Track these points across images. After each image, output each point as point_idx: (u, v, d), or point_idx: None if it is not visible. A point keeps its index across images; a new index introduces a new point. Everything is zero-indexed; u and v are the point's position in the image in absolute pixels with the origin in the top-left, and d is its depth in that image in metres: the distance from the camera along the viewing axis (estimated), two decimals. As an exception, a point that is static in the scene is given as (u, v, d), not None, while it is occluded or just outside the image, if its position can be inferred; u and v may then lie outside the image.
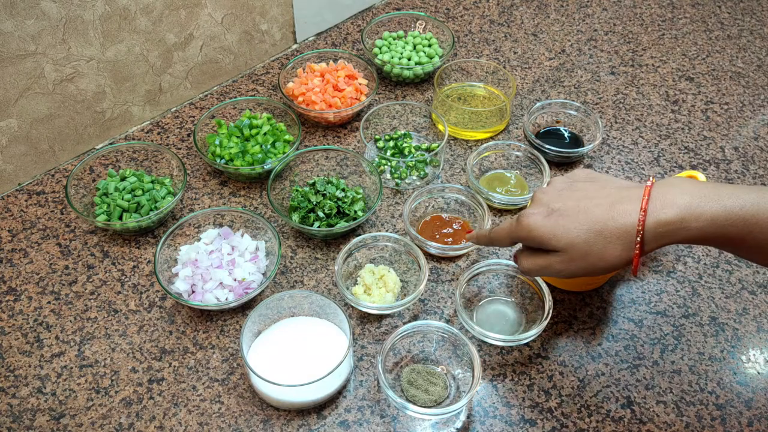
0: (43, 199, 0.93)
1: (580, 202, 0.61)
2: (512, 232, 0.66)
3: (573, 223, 0.60)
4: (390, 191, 0.95)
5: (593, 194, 0.62)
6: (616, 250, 0.59)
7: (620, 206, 0.59)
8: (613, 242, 0.59)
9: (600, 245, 0.59)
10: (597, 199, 0.61)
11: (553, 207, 0.62)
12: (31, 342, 0.78)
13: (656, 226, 0.57)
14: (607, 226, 0.59)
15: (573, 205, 0.61)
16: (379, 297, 0.80)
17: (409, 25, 1.17)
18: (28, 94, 0.87)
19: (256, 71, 1.12)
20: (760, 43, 1.21)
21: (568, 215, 0.61)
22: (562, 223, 0.61)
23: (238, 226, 0.87)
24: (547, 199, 0.64)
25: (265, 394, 0.72)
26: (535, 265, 0.65)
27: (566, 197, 0.63)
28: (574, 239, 0.60)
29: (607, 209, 0.59)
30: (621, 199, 0.60)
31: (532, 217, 0.63)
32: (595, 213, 0.60)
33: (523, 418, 0.73)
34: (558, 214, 0.61)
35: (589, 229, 0.59)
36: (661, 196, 0.58)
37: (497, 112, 1.01)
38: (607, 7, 1.28)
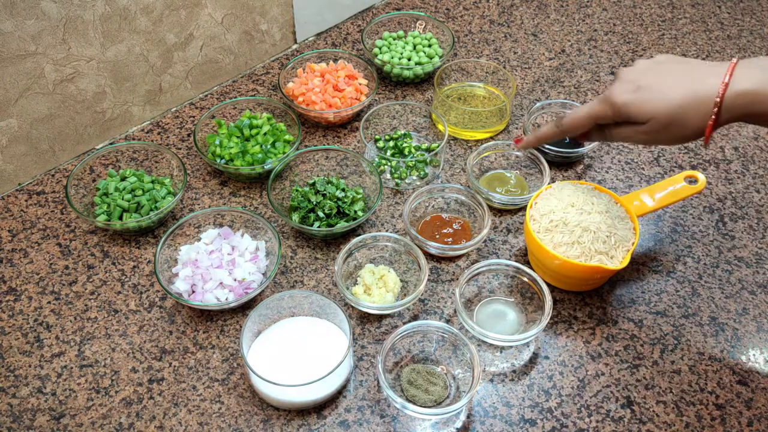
0: (43, 199, 0.93)
1: (665, 78, 0.66)
2: (596, 111, 0.71)
3: (658, 97, 0.65)
4: (390, 191, 0.95)
5: (678, 71, 0.67)
6: (696, 120, 0.64)
7: (704, 79, 0.64)
8: (692, 112, 0.64)
9: (682, 116, 0.65)
10: (681, 74, 0.66)
11: (640, 83, 0.67)
12: (31, 342, 0.78)
13: (734, 98, 0.62)
14: (689, 99, 0.64)
15: (658, 80, 0.67)
16: (379, 297, 0.80)
17: (409, 25, 1.17)
18: (29, 94, 0.87)
19: (256, 71, 1.12)
20: (760, 43, 1.21)
21: (653, 90, 0.66)
22: (648, 97, 0.66)
23: (238, 226, 0.87)
24: (633, 76, 0.68)
25: (265, 394, 0.72)
26: (623, 134, 0.71)
27: (652, 74, 0.68)
28: (660, 112, 0.65)
29: (691, 83, 0.65)
30: (705, 74, 0.64)
31: (622, 94, 0.68)
32: (679, 87, 0.65)
33: (523, 418, 0.73)
34: (644, 90, 0.67)
35: (673, 101, 0.65)
36: (742, 71, 0.63)
37: (497, 112, 1.01)
38: (607, 7, 1.28)
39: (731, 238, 0.91)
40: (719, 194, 0.96)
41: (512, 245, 0.89)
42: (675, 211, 0.94)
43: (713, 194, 0.96)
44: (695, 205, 0.94)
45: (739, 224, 0.92)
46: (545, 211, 0.81)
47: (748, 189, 0.97)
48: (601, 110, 0.71)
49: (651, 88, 0.67)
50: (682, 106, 0.64)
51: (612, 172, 0.99)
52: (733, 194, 0.96)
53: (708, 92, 0.63)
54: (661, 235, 0.91)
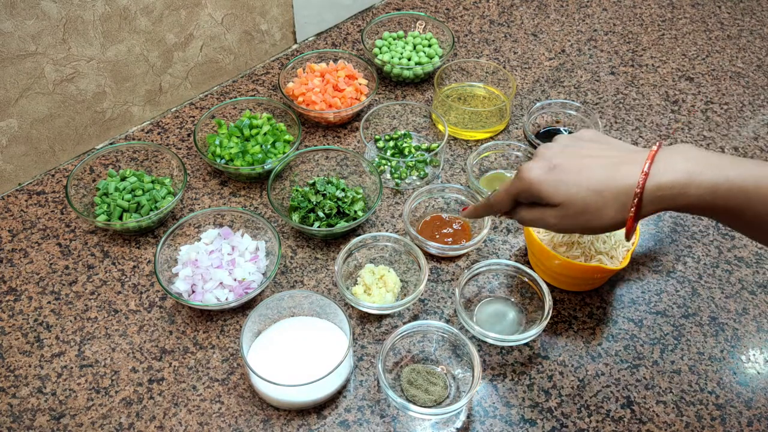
0: (43, 199, 0.93)
1: (584, 160, 0.61)
2: (511, 187, 0.66)
3: (573, 180, 0.60)
4: (390, 191, 0.95)
5: (597, 153, 0.62)
6: (612, 210, 0.59)
7: (623, 167, 0.59)
8: (610, 202, 0.59)
9: (597, 204, 0.59)
10: (600, 158, 0.61)
11: (555, 162, 0.62)
12: (31, 342, 0.78)
13: (656, 190, 0.57)
14: (607, 186, 0.59)
15: (576, 162, 0.61)
16: (379, 297, 0.80)
17: (409, 25, 1.17)
18: (29, 94, 0.87)
19: (256, 71, 1.12)
20: (760, 43, 1.21)
21: (569, 171, 0.61)
22: (562, 179, 0.61)
23: (238, 226, 0.87)
24: (550, 154, 0.63)
25: (265, 394, 0.72)
26: (531, 216, 0.65)
27: (569, 154, 0.63)
28: (573, 196, 0.60)
29: (609, 169, 0.59)
30: (624, 161, 0.59)
31: (533, 170, 0.63)
32: (597, 172, 0.60)
33: (523, 418, 0.73)
34: (559, 170, 0.61)
35: (588, 187, 0.59)
36: (664, 160, 0.58)
37: (497, 112, 1.01)
38: (607, 7, 1.28)
39: (731, 238, 0.91)
40: (719, 194, 0.96)
41: (512, 245, 0.89)
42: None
43: (713, 194, 0.96)
44: (695, 205, 0.94)
45: (739, 224, 0.92)
46: (545, 211, 0.81)
47: (748, 189, 0.97)
48: (515, 187, 0.65)
49: (566, 171, 0.61)
50: (598, 193, 0.59)
51: (612, 172, 0.98)
52: (733, 194, 0.96)
53: (627, 182, 0.58)
54: (661, 235, 0.91)
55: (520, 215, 0.67)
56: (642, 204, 0.57)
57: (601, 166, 0.60)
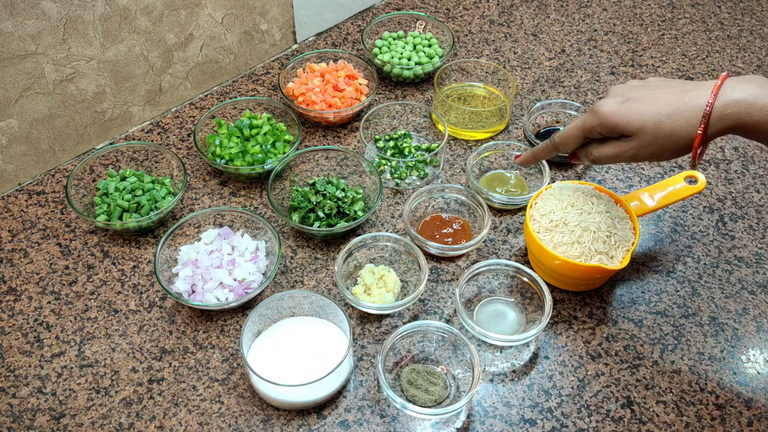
0: (44, 199, 0.93)
1: (654, 91, 0.66)
2: (585, 123, 0.70)
3: (645, 108, 0.65)
4: (390, 191, 0.95)
5: (667, 86, 0.67)
6: (683, 130, 0.63)
7: (692, 92, 0.64)
8: (681, 123, 0.63)
9: (669, 126, 0.64)
10: (670, 89, 0.66)
11: (628, 96, 0.67)
12: (31, 342, 0.78)
13: (723, 108, 0.61)
14: (677, 109, 0.64)
15: (647, 93, 0.66)
16: (379, 297, 0.80)
17: (409, 25, 1.17)
18: (29, 94, 0.87)
19: (256, 71, 1.12)
20: (760, 43, 1.21)
21: (641, 101, 0.66)
22: (635, 108, 0.66)
23: (238, 226, 0.87)
24: (622, 90, 0.69)
25: (265, 394, 0.72)
26: (606, 153, 0.70)
27: (641, 89, 0.68)
28: (646, 123, 0.65)
29: (679, 95, 0.64)
30: (694, 87, 0.65)
31: (607, 105, 0.67)
32: (668, 99, 0.65)
33: (523, 418, 0.73)
34: (632, 101, 0.66)
35: (660, 111, 0.64)
36: (732, 84, 0.62)
37: (497, 112, 1.01)
38: (607, 7, 1.28)
39: (731, 238, 0.91)
40: (719, 194, 0.96)
41: (512, 245, 0.89)
42: (675, 211, 0.94)
43: (713, 194, 0.96)
44: (695, 205, 0.94)
45: (739, 224, 0.92)
46: (545, 211, 0.81)
47: (748, 189, 0.97)
48: (590, 122, 0.69)
49: (639, 100, 0.66)
50: (669, 116, 0.64)
51: (612, 172, 0.99)
52: (733, 194, 0.96)
53: (697, 103, 0.63)
54: (661, 235, 0.91)
55: (591, 153, 0.72)
56: (710, 122, 0.62)
57: (672, 94, 0.65)
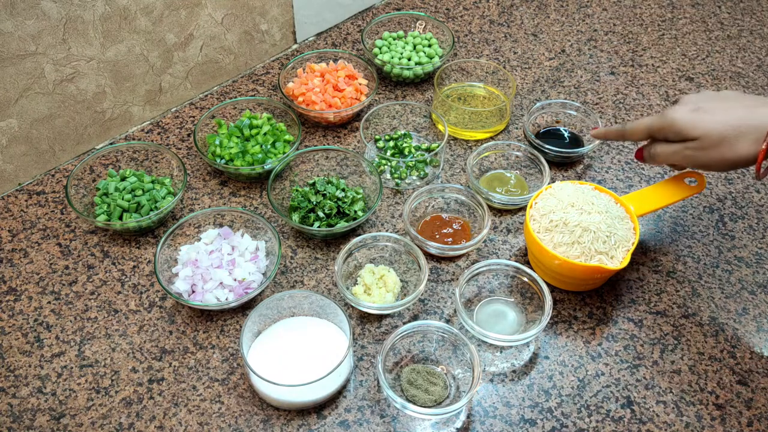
0: (43, 199, 0.93)
1: (725, 103, 0.70)
2: (653, 123, 0.74)
3: (713, 117, 0.69)
4: (390, 191, 0.95)
5: (739, 99, 0.70)
6: (747, 144, 0.67)
7: (761, 109, 0.67)
8: (745, 136, 0.67)
9: (733, 137, 0.67)
10: (743, 101, 0.70)
11: (700, 105, 0.71)
12: (31, 342, 0.78)
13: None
14: (744, 122, 0.67)
15: (718, 104, 0.70)
16: (379, 297, 0.80)
17: (409, 25, 1.17)
18: (29, 94, 0.87)
19: (256, 71, 1.12)
20: (760, 43, 1.21)
21: (711, 112, 0.69)
22: (703, 117, 0.69)
23: (238, 226, 0.87)
24: (696, 99, 0.72)
25: (265, 394, 0.72)
26: (667, 151, 0.74)
27: (713, 99, 0.71)
28: (711, 129, 0.68)
29: (749, 110, 0.68)
30: (765, 104, 0.68)
31: (678, 111, 0.72)
32: (737, 111, 0.68)
33: (523, 418, 0.73)
34: (702, 111, 0.70)
35: (726, 122, 0.68)
36: None
37: (497, 112, 1.01)
38: (607, 7, 1.28)
39: (731, 238, 0.91)
40: (719, 194, 0.96)
41: (512, 245, 0.89)
42: (675, 211, 0.94)
43: (713, 194, 0.96)
44: (695, 205, 0.94)
45: (739, 224, 0.92)
46: (545, 211, 0.81)
47: (748, 189, 0.97)
48: (658, 123, 0.74)
49: (709, 111, 0.69)
50: (735, 128, 0.67)
51: (612, 172, 0.99)
52: (733, 194, 0.96)
53: (763, 120, 0.66)
54: (661, 235, 0.91)
55: (654, 149, 0.76)
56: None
57: (742, 107, 0.69)
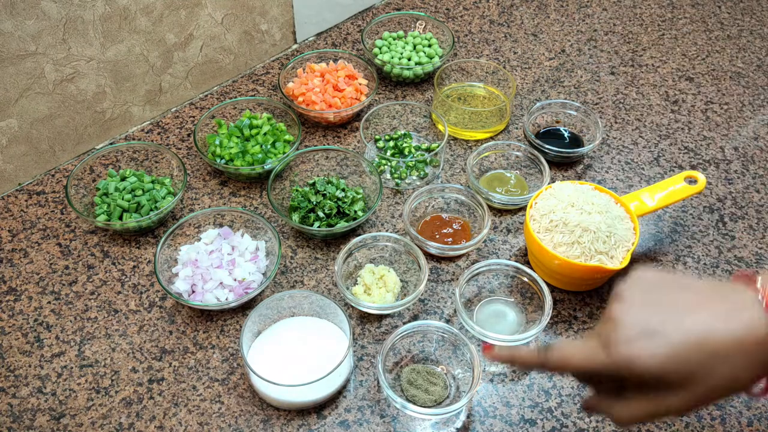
0: (43, 199, 0.93)
1: (683, 317, 0.49)
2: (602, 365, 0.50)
3: (686, 350, 0.47)
4: (390, 191, 0.95)
5: (691, 304, 0.49)
6: (749, 369, 0.48)
7: (738, 317, 0.48)
8: (743, 362, 0.48)
9: (728, 370, 0.48)
10: (700, 311, 0.49)
11: (651, 327, 0.48)
12: (31, 342, 0.78)
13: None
14: (732, 348, 0.47)
15: (675, 321, 0.49)
16: (379, 297, 0.80)
17: (409, 25, 1.17)
18: (29, 94, 0.87)
19: (256, 71, 1.12)
20: (760, 43, 1.21)
21: (675, 338, 0.48)
22: (671, 350, 0.47)
23: (238, 226, 0.87)
24: (636, 318, 0.49)
25: (265, 394, 0.72)
26: (646, 414, 0.51)
27: (659, 312, 0.49)
28: (694, 371, 0.47)
29: (724, 324, 0.48)
30: (733, 307, 0.48)
31: (634, 345, 0.48)
32: (712, 332, 0.48)
33: (523, 418, 0.73)
34: (662, 337, 0.48)
35: (711, 353, 0.47)
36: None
37: (497, 112, 1.01)
38: (607, 7, 1.28)
39: (731, 238, 0.91)
40: (719, 194, 0.96)
41: (512, 245, 0.89)
42: (675, 211, 0.94)
43: (713, 194, 0.96)
44: (695, 205, 0.94)
45: (739, 224, 0.92)
46: (545, 211, 0.81)
47: (748, 189, 0.97)
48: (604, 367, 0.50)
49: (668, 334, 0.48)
50: (725, 359, 0.47)
51: (612, 172, 0.99)
52: (733, 194, 0.96)
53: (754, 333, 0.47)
54: (661, 235, 0.91)
55: (617, 414, 0.52)
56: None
57: (709, 322, 0.48)
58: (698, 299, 0.50)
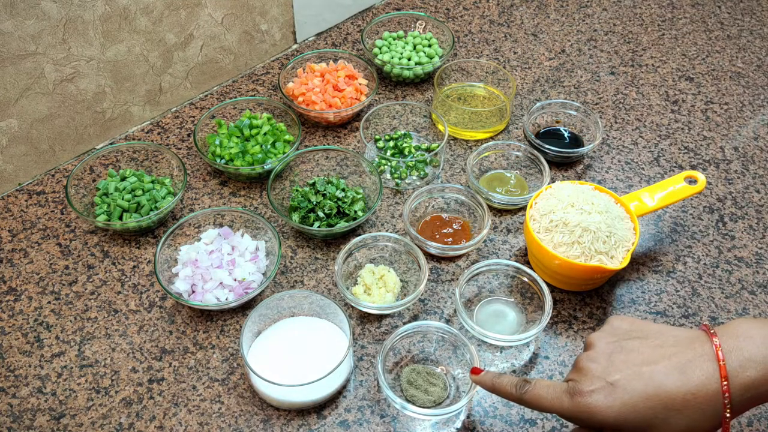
0: (44, 199, 0.93)
1: (642, 369, 0.54)
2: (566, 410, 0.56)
3: (643, 401, 0.53)
4: (390, 191, 0.95)
5: (653, 356, 0.55)
6: (704, 420, 0.52)
7: (692, 372, 0.52)
8: (696, 415, 0.52)
9: (684, 421, 0.52)
10: (661, 363, 0.54)
11: (612, 380, 0.54)
12: (31, 342, 0.78)
13: (742, 392, 0.52)
14: (686, 402, 0.52)
15: (635, 373, 0.54)
16: (379, 297, 0.80)
17: (409, 25, 1.17)
18: (29, 94, 0.87)
19: (256, 71, 1.12)
20: (760, 43, 1.21)
21: (633, 390, 0.53)
22: (629, 402, 0.53)
23: (238, 226, 0.87)
24: (600, 369, 0.55)
25: (265, 394, 0.72)
26: None
27: (621, 363, 0.55)
28: (651, 420, 0.53)
29: (679, 378, 0.53)
30: (690, 362, 0.53)
31: (593, 397, 0.54)
32: (667, 385, 0.53)
33: (523, 418, 0.73)
34: (622, 390, 0.53)
35: (666, 406, 0.52)
36: (735, 353, 0.52)
37: (497, 112, 1.01)
38: (607, 7, 1.28)
39: (731, 238, 0.91)
40: (719, 194, 0.96)
41: (512, 245, 0.89)
42: (675, 211, 0.94)
43: (713, 194, 0.96)
44: (695, 205, 0.94)
45: (739, 224, 0.92)
46: (545, 211, 0.81)
47: (748, 189, 0.97)
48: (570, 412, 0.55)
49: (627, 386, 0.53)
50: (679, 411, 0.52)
51: (612, 172, 0.99)
52: (733, 194, 0.96)
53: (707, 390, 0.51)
54: (661, 235, 0.91)
55: None
56: (733, 406, 0.52)
57: (669, 376, 0.53)
58: (660, 351, 0.55)
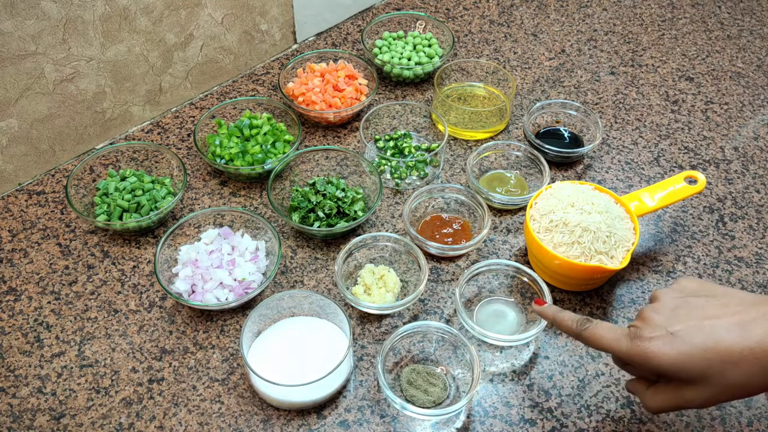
0: (44, 199, 0.93)
1: (704, 323, 0.55)
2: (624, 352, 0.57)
3: (700, 353, 0.53)
4: (390, 191, 0.95)
5: (716, 312, 0.55)
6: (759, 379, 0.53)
7: (754, 329, 0.53)
8: (753, 370, 0.52)
9: (738, 376, 0.53)
10: (723, 318, 0.54)
11: (673, 330, 0.55)
12: (31, 342, 0.78)
13: None
14: (743, 357, 0.52)
15: (696, 326, 0.55)
16: (379, 297, 0.80)
17: (409, 25, 1.17)
18: (29, 94, 0.87)
19: (256, 71, 1.12)
20: (760, 43, 1.21)
21: (692, 341, 0.54)
22: (686, 352, 0.54)
23: (238, 226, 0.87)
24: (663, 320, 0.56)
25: (265, 394, 0.72)
26: (669, 404, 0.58)
27: (684, 316, 0.56)
28: (707, 371, 0.53)
29: (740, 333, 0.53)
30: (753, 320, 0.53)
31: (652, 343, 0.55)
32: (727, 339, 0.53)
33: (523, 418, 0.73)
34: (681, 340, 0.54)
35: (722, 359, 0.53)
36: None
37: (497, 112, 1.01)
38: (607, 7, 1.28)
39: (731, 238, 0.91)
40: (719, 194, 0.96)
41: (512, 245, 0.89)
42: (675, 211, 0.94)
43: (713, 194, 0.96)
44: (695, 205, 0.94)
45: (739, 224, 0.92)
46: (545, 211, 0.81)
47: (748, 189, 0.97)
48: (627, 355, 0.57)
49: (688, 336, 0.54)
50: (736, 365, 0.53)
51: (612, 172, 0.99)
52: (733, 194, 0.96)
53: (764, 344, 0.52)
54: (661, 235, 0.91)
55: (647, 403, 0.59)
56: None
57: (730, 331, 0.53)
58: (724, 309, 0.55)
